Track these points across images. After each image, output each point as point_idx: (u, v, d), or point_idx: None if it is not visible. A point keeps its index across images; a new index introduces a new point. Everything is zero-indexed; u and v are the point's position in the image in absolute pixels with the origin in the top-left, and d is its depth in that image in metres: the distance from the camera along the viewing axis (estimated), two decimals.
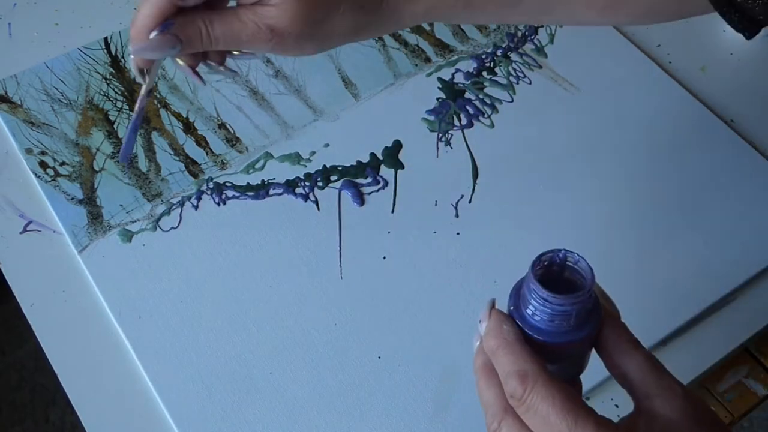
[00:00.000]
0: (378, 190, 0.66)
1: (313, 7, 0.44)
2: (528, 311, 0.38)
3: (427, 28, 0.76)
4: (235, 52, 0.48)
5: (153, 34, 0.43)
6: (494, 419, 0.39)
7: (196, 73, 0.48)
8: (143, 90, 0.48)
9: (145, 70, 0.47)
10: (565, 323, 0.37)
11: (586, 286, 0.37)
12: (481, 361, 0.40)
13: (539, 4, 0.48)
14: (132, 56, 0.46)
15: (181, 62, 0.47)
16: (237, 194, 0.65)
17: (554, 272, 0.39)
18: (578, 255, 0.38)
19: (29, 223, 0.64)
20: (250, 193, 0.65)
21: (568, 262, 0.38)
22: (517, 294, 0.39)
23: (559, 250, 0.38)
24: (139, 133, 0.68)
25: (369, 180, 0.66)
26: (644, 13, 0.50)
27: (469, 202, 0.65)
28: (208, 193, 0.65)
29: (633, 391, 0.39)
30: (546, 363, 0.37)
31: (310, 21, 0.44)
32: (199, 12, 0.44)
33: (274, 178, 0.66)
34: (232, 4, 0.46)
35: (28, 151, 0.67)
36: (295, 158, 0.67)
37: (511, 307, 0.39)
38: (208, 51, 0.47)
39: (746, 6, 0.44)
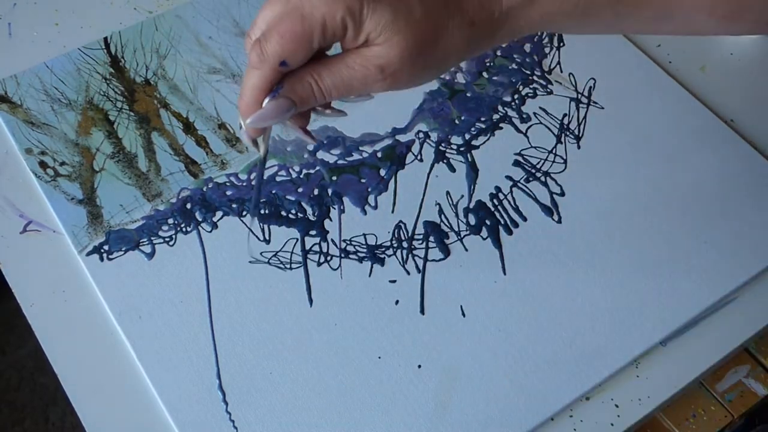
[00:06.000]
0: (378, 191, 0.66)
1: (419, 38, 0.41)
2: None
3: None
4: (352, 97, 0.46)
5: (266, 102, 0.42)
6: None
7: (308, 133, 0.46)
8: (261, 156, 0.47)
9: (258, 140, 0.46)
10: None
11: None
12: None
13: (658, 11, 0.45)
14: (243, 129, 0.44)
15: (290, 123, 0.45)
16: (236, 195, 0.65)
17: None
18: None
19: (29, 223, 0.64)
20: (251, 194, 0.65)
21: None
22: None
23: None
24: (139, 133, 0.68)
25: (368, 180, 0.66)
26: None
27: (469, 202, 0.65)
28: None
29: None
30: None
31: (418, 52, 0.42)
32: (306, 68, 0.42)
33: (274, 179, 0.66)
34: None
35: (28, 151, 0.67)
36: (295, 158, 0.67)
37: None
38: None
39: None
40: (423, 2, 0.41)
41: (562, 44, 0.75)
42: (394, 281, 0.61)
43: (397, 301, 0.60)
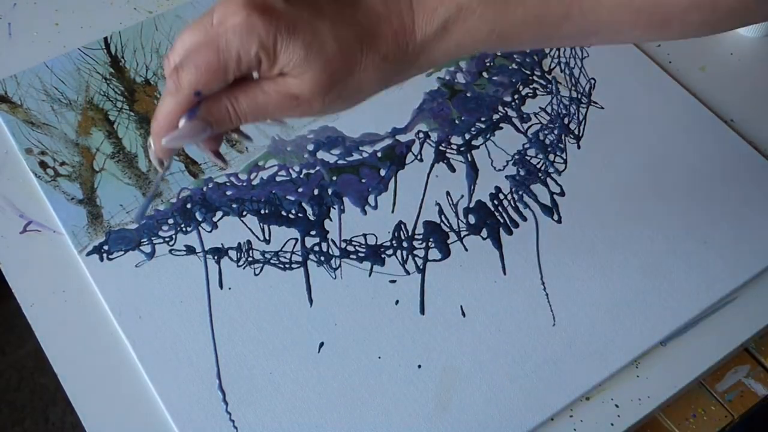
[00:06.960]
0: (378, 191, 0.66)
1: (332, 72, 0.43)
2: None
3: None
4: (268, 120, 0.47)
5: (182, 122, 0.43)
6: None
7: (219, 156, 0.48)
8: (161, 175, 0.48)
9: (163, 160, 0.47)
10: None
11: None
12: None
13: (579, 30, 0.45)
14: (152, 148, 0.45)
15: (202, 146, 0.46)
16: (236, 195, 0.65)
17: None
18: None
19: (29, 223, 0.64)
20: (251, 194, 0.65)
21: None
22: None
23: None
24: (139, 133, 0.68)
25: (368, 180, 0.66)
26: (697, 27, 0.45)
27: (469, 202, 0.65)
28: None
29: None
30: None
31: (331, 85, 0.43)
32: (224, 92, 0.43)
33: (274, 179, 0.66)
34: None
35: (28, 151, 0.67)
36: (295, 158, 0.67)
37: None
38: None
39: None
40: (337, 38, 0.42)
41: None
42: (394, 281, 0.61)
43: (397, 301, 0.60)
